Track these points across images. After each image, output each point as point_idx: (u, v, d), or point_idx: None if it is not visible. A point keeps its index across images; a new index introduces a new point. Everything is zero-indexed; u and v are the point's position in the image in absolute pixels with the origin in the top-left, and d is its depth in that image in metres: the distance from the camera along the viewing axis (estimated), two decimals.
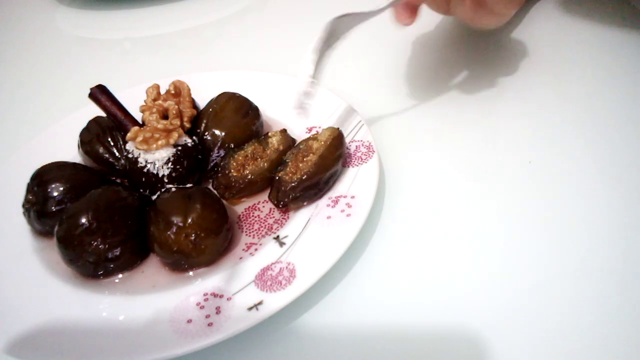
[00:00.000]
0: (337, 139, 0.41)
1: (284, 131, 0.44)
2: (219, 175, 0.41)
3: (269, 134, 0.43)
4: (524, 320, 0.32)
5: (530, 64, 0.54)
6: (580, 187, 0.40)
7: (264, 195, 0.41)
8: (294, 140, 0.44)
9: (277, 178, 0.40)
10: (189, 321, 0.32)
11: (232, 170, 0.41)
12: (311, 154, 0.40)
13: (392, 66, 0.57)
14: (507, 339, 0.31)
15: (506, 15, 0.46)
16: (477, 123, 0.48)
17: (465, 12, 0.44)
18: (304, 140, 0.42)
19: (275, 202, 0.39)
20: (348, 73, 0.56)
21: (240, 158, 0.42)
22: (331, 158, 0.40)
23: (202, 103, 0.47)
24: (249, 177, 0.41)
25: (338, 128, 0.42)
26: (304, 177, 0.38)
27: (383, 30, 0.63)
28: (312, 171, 0.39)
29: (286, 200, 0.39)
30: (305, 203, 0.39)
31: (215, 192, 0.40)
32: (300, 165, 0.40)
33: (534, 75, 0.53)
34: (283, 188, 0.39)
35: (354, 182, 0.39)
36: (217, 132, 0.44)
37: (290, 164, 0.40)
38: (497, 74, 0.54)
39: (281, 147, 0.42)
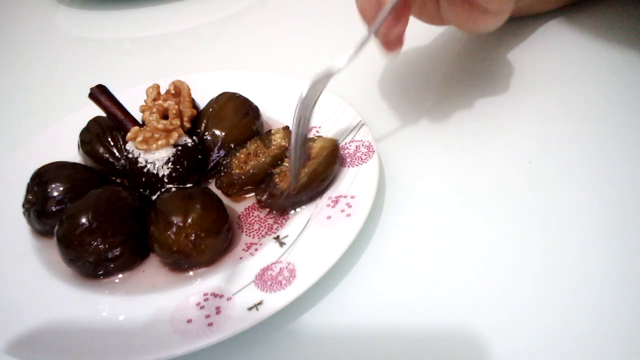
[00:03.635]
0: (329, 156, 0.40)
1: (286, 128, 0.44)
2: (222, 175, 0.41)
3: (272, 131, 0.43)
4: (525, 321, 0.32)
5: (530, 65, 0.54)
6: (581, 187, 0.40)
7: None
8: None
9: (269, 172, 0.40)
10: (189, 321, 0.32)
11: (235, 168, 0.41)
12: (306, 164, 0.40)
13: (392, 67, 0.57)
14: (508, 340, 0.31)
15: (503, 13, 0.41)
16: (478, 123, 0.48)
17: (458, 16, 0.41)
18: (307, 139, 0.42)
19: (259, 198, 0.39)
20: (348, 73, 0.56)
21: (242, 156, 0.42)
22: (319, 179, 0.39)
23: (202, 103, 0.47)
24: (251, 171, 0.41)
25: (336, 142, 0.41)
26: (291, 189, 0.38)
27: None
28: (300, 185, 0.38)
29: (269, 201, 0.39)
30: (284, 210, 0.39)
31: (215, 192, 0.40)
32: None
33: (535, 75, 0.53)
34: (269, 189, 0.39)
35: (354, 182, 0.39)
36: (217, 132, 0.44)
37: (286, 160, 0.40)
38: (498, 75, 0.54)
39: (283, 142, 0.42)
